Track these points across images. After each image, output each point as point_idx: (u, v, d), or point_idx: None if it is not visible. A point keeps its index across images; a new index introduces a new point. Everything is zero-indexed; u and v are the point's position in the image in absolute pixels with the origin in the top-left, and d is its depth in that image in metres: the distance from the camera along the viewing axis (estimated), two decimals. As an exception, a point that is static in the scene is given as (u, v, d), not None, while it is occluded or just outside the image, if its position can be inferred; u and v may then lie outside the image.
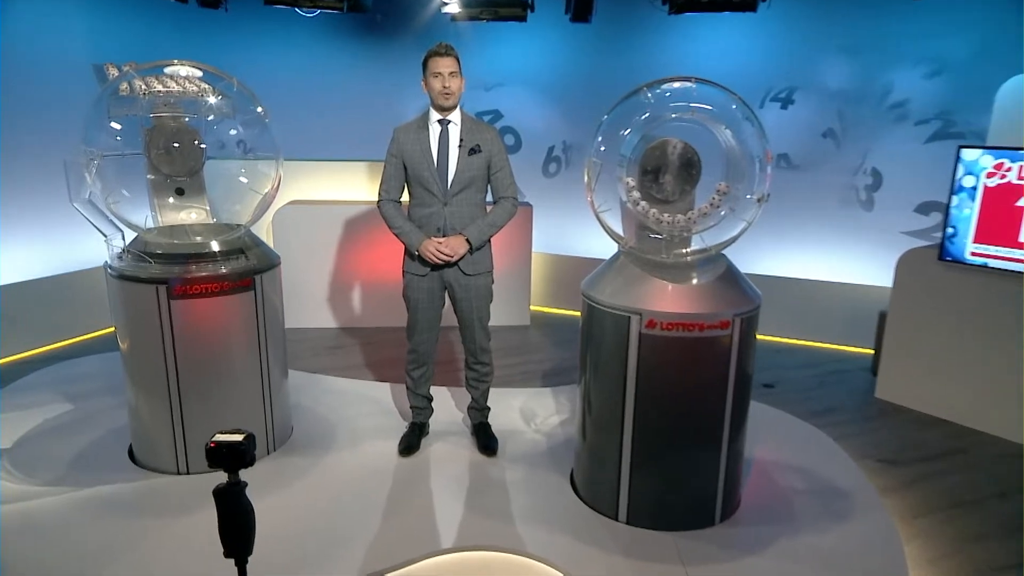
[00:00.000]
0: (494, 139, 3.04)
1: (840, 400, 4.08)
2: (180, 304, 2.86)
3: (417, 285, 3.12)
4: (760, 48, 5.16)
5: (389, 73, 5.85)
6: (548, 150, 5.92)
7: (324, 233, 5.21)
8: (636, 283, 2.64)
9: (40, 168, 4.65)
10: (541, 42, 5.75)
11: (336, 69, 5.92)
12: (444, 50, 2.89)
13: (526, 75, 5.80)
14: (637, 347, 2.58)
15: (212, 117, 3.01)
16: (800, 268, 5.22)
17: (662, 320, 2.54)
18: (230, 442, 1.66)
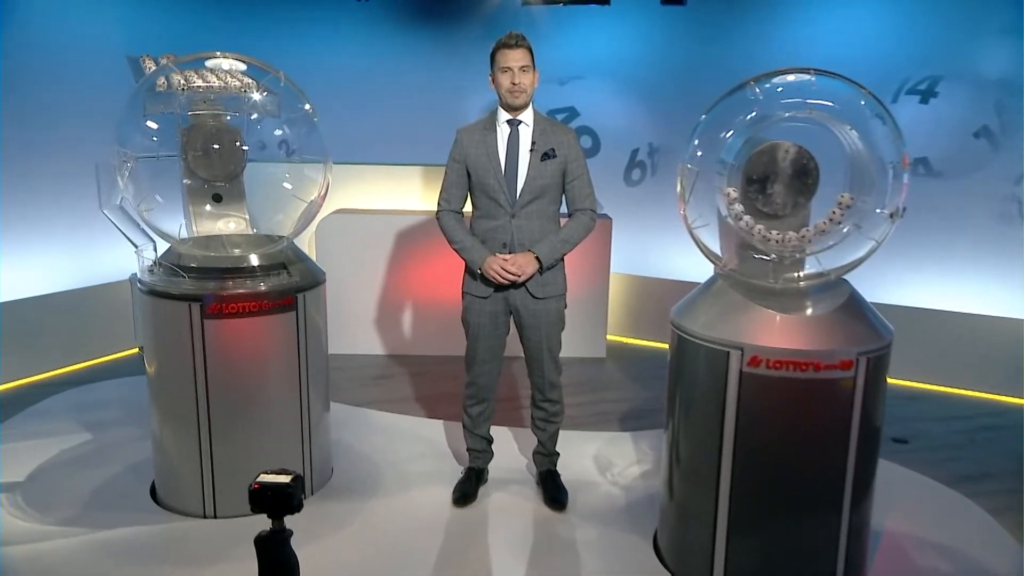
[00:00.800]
0: (571, 143, 3.06)
1: (996, 463, 3.86)
2: (214, 324, 2.97)
3: (478, 308, 3.14)
4: (894, 30, 5.00)
5: (451, 66, 5.97)
6: (631, 154, 5.90)
7: (373, 246, 5.32)
8: (737, 312, 2.59)
9: (65, 170, 4.94)
10: (626, 28, 5.77)
11: (391, 61, 6.09)
12: (514, 41, 2.93)
13: (607, 67, 5.82)
14: (737, 388, 2.52)
15: (255, 115, 3.13)
16: (943, 298, 4.99)
17: (768, 357, 2.47)
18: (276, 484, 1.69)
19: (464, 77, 5.82)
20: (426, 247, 5.24)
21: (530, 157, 3.01)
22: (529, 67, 2.97)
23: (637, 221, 5.80)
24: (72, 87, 4.97)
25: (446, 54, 6.02)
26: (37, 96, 4.86)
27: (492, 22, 5.82)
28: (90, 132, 4.81)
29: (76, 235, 5.08)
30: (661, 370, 2.90)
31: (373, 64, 6.09)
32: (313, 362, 3.23)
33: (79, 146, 4.90)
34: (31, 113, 4.84)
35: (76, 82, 4.98)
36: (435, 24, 6.11)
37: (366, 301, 5.38)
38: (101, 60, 4.98)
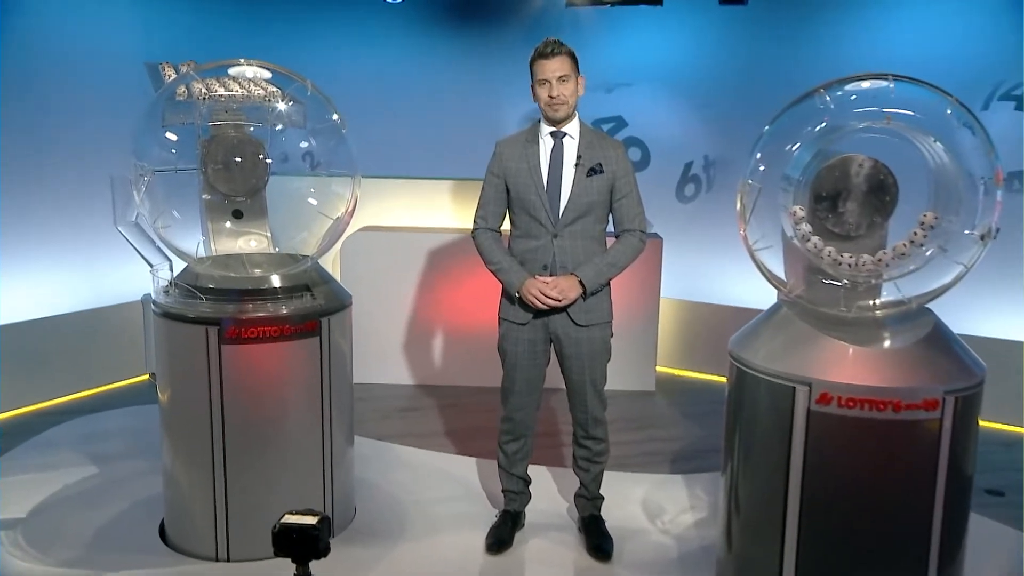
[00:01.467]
0: (619, 157, 3.07)
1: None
2: (232, 350, 3.03)
3: (516, 336, 3.16)
4: (984, 28, 4.93)
5: (489, 72, 6.05)
6: (685, 167, 5.90)
7: (403, 267, 5.38)
8: (804, 343, 2.57)
9: (74, 183, 5.09)
10: (680, 30, 5.79)
11: (424, 67, 6.18)
12: (550, 49, 2.97)
13: (659, 72, 5.85)
14: (804, 428, 2.50)
15: (280, 126, 3.20)
16: (1041, 331, 4.89)
17: (840, 394, 2.45)
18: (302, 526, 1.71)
19: (503, 84, 5.89)
20: (460, 268, 5.28)
21: (575, 172, 3.03)
22: (570, 76, 2.99)
23: (690, 241, 5.78)
24: (85, 95, 5.12)
25: (483, 59, 6.10)
26: (46, 104, 5.00)
27: (533, 24, 5.89)
28: (103, 143, 4.94)
29: (84, 252, 5.20)
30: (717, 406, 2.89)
31: (404, 70, 6.19)
32: (337, 392, 3.27)
33: (90, 158, 5.04)
34: (39, 121, 4.98)
35: (90, 90, 5.13)
36: (472, 27, 6.19)
37: (394, 326, 5.43)
38: (117, 67, 5.13)
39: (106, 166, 3.98)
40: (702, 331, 5.73)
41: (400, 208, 5.73)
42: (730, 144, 5.67)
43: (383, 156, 5.63)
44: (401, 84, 6.16)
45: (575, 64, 3.02)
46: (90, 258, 5.23)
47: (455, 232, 5.42)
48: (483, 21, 6.15)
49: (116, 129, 4.32)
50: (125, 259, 4.63)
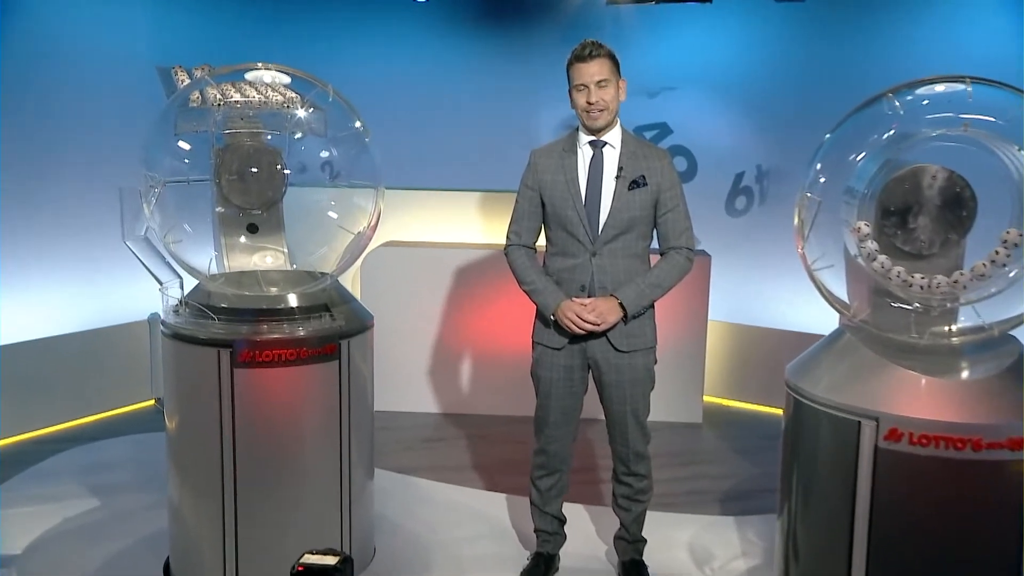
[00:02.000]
0: (665, 168, 3.07)
1: None
2: (246, 374, 3.05)
3: (551, 362, 3.15)
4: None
5: (523, 76, 6.07)
6: (735, 179, 5.88)
7: (428, 285, 5.40)
8: (871, 373, 2.55)
9: (78, 194, 5.16)
10: (731, 29, 5.78)
11: (452, 71, 6.23)
12: (588, 52, 2.97)
13: (707, 75, 5.84)
14: (871, 468, 2.47)
15: (299, 134, 3.24)
16: None
17: (912, 430, 2.42)
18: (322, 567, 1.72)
19: (538, 88, 5.91)
20: (490, 287, 5.29)
21: (616, 185, 3.03)
22: (610, 80, 2.99)
23: (742, 259, 5.74)
24: (92, 100, 5.20)
25: (517, 61, 6.13)
26: (49, 109, 5.08)
27: (571, 24, 5.91)
28: (111, 152, 5.03)
29: (87, 268, 5.26)
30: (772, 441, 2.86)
31: (432, 74, 6.24)
32: (357, 420, 3.28)
33: (97, 168, 5.13)
34: (41, 128, 5.05)
35: (96, 95, 5.22)
36: (504, 27, 6.23)
37: (418, 349, 5.45)
38: (127, 71, 5.22)
39: (114, 177, 4.05)
40: (754, 358, 5.67)
41: (426, 222, 5.76)
42: (786, 153, 5.64)
43: (408, 166, 5.66)
44: (428, 89, 6.20)
45: (616, 67, 3.02)
46: (94, 274, 5.29)
47: (485, 248, 5.43)
48: (516, 20, 6.18)
49: (125, 137, 4.40)
50: (132, 276, 4.70)
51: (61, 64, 5.11)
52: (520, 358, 3.59)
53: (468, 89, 6.20)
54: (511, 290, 3.32)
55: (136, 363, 5.42)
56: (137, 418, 5.30)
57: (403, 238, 5.73)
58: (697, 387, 5.36)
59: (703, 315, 5.31)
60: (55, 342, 5.11)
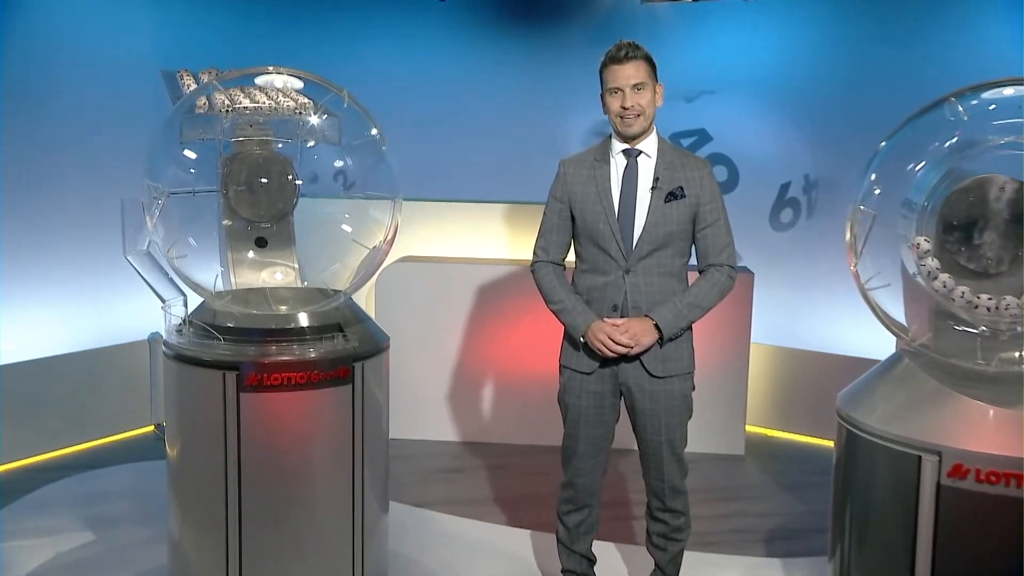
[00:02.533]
0: (705, 179, 3.08)
1: None
2: (252, 399, 3.08)
3: (580, 387, 3.16)
4: None
5: (551, 81, 6.12)
6: (781, 190, 5.87)
7: (448, 304, 5.43)
8: (932, 403, 2.54)
9: (74, 206, 5.22)
10: (776, 27, 5.79)
11: (475, 75, 6.28)
12: (624, 53, 2.99)
13: (749, 77, 5.85)
14: (934, 507, 2.45)
15: (312, 142, 3.29)
16: None
17: (979, 466, 2.40)
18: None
19: (567, 93, 5.95)
20: (514, 306, 5.30)
21: (651, 197, 3.04)
22: (646, 84, 3.01)
23: (788, 277, 5.73)
24: (92, 106, 5.29)
25: (544, 64, 6.17)
26: (46, 115, 5.14)
27: (603, 24, 5.95)
28: (112, 161, 5.07)
29: (84, 285, 5.31)
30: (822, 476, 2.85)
31: (453, 78, 6.29)
32: (371, 449, 3.30)
33: (96, 177, 5.20)
34: (38, 135, 5.11)
35: (97, 100, 5.30)
36: (531, 28, 6.28)
37: (436, 373, 5.47)
38: (129, 75, 5.30)
39: (115, 187, 4.10)
40: (802, 384, 5.64)
41: (446, 236, 5.79)
42: (837, 162, 5.63)
43: (428, 176, 5.71)
44: (450, 93, 6.25)
45: (653, 71, 3.04)
46: (92, 291, 5.34)
47: (510, 264, 5.46)
48: (544, 21, 6.22)
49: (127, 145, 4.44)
50: (132, 292, 4.76)
51: (59, 67, 5.18)
52: (547, 383, 3.60)
53: (492, 94, 6.24)
54: (537, 309, 3.34)
55: (135, 386, 5.46)
56: (136, 445, 5.34)
57: (421, 253, 5.76)
58: (739, 416, 5.34)
59: (745, 338, 5.30)
60: (49, 363, 5.14)
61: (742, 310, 5.24)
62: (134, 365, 5.47)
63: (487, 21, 6.33)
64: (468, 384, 5.48)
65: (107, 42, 5.37)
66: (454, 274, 5.46)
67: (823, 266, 5.55)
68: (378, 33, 6.30)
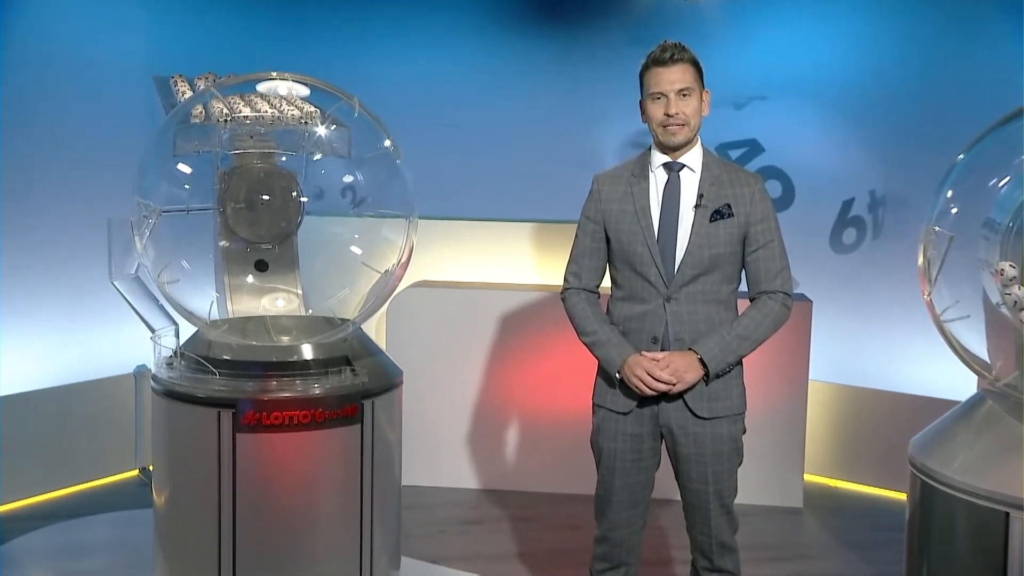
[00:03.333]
0: (756, 196, 3.08)
1: None
2: (250, 440, 3.11)
3: (615, 429, 3.15)
4: None
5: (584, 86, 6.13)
6: (843, 207, 5.86)
7: (467, 334, 5.43)
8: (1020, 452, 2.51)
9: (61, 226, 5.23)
10: (836, 24, 5.78)
11: (498, 80, 6.30)
12: (669, 55, 3.00)
13: (807, 82, 5.84)
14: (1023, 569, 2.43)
15: (318, 155, 3.33)
16: None
17: (1074, 523, 2.38)
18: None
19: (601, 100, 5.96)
20: (542, 338, 5.31)
21: (695, 216, 3.04)
22: (692, 90, 3.02)
23: (851, 306, 5.70)
24: (76, 114, 5.31)
25: (577, 69, 6.19)
26: (25, 126, 5.13)
27: (642, 23, 5.95)
28: (98, 175, 5.10)
29: (64, 312, 5.30)
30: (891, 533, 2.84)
31: (475, 84, 6.32)
32: (381, 496, 3.31)
33: (80, 193, 5.22)
34: (17, 147, 5.08)
35: (81, 108, 5.33)
36: (562, 28, 6.30)
37: (454, 412, 5.47)
38: (118, 80, 5.35)
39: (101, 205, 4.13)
40: (868, 428, 5.60)
41: (466, 258, 5.81)
42: (907, 177, 5.60)
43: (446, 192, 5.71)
44: (471, 101, 6.26)
45: (700, 76, 3.05)
46: (71, 319, 5.33)
47: (537, 290, 5.46)
48: (577, 20, 6.22)
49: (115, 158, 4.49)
50: (116, 321, 4.79)
51: (39, 72, 5.20)
52: (578, 424, 3.60)
53: (519, 101, 6.25)
54: (568, 341, 3.34)
55: (119, 426, 5.45)
56: (119, 492, 5.35)
57: (439, 277, 5.77)
58: (796, 463, 5.31)
59: (803, 374, 5.27)
60: (23, 400, 5.10)
61: (799, 343, 5.22)
62: (117, 402, 5.45)
63: (513, 21, 6.34)
64: (490, 424, 5.48)
65: (93, 44, 5.40)
66: (475, 301, 5.47)
67: (892, 294, 5.52)
68: (392, 35, 6.31)
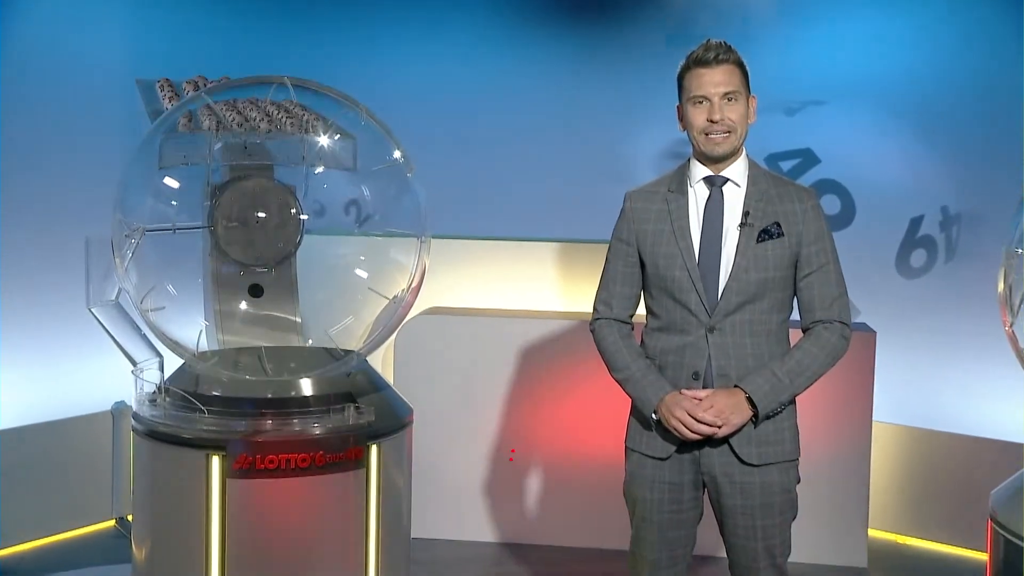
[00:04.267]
0: (809, 213, 3.09)
1: None
2: (243, 486, 3.13)
3: (652, 477, 3.16)
4: None
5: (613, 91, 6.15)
6: (910, 225, 5.85)
7: (484, 367, 5.43)
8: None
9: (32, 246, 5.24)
10: (903, 19, 5.78)
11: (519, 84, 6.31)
12: (712, 55, 3.02)
13: (868, 83, 5.84)
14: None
15: (320, 169, 3.37)
16: None
17: None
18: None
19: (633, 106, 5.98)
20: (567, 372, 5.32)
21: (740, 236, 3.05)
22: (739, 94, 3.03)
23: (920, 337, 5.68)
24: (49, 123, 5.34)
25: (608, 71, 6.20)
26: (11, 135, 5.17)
27: (682, 21, 5.96)
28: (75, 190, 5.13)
29: (36, 342, 5.30)
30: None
31: (494, 89, 6.33)
32: (388, 550, 3.32)
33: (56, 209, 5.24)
34: None
35: (56, 116, 5.36)
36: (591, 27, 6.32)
37: (470, 455, 5.47)
38: (97, 84, 5.39)
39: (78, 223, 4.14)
40: (942, 478, 5.57)
41: (484, 282, 5.82)
42: (984, 191, 5.57)
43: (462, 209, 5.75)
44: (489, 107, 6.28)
45: (746, 79, 3.07)
46: (42, 350, 5.33)
47: (562, 318, 5.47)
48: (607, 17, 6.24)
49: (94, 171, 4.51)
50: (93, 352, 4.81)
51: (7, 76, 5.21)
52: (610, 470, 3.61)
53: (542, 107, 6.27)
54: (598, 376, 3.35)
55: (94, 470, 5.43)
56: (94, 544, 5.37)
57: (453, 303, 5.79)
58: (858, 517, 5.28)
59: (865, 416, 5.25)
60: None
61: (861, 379, 5.20)
62: (92, 444, 5.45)
63: (537, 16, 6.35)
64: (510, 470, 5.49)
65: (68, 43, 5.44)
66: (494, 330, 5.48)
67: (967, 324, 5.49)
68: (402, 35, 6.34)
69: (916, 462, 5.70)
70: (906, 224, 5.87)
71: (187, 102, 3.42)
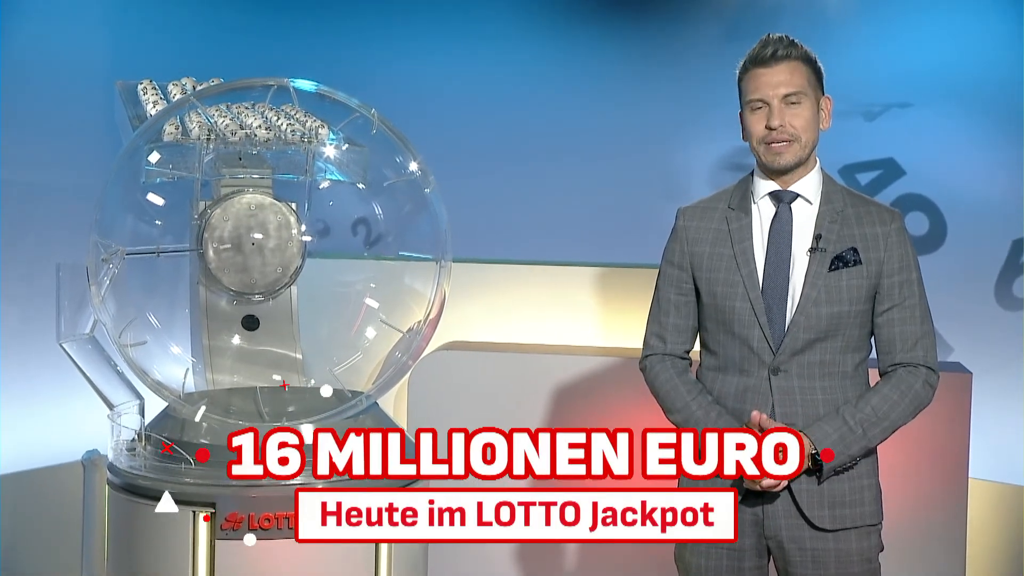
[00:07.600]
0: (892, 238, 3.08)
1: None
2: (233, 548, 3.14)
3: (709, 541, 3.18)
4: None
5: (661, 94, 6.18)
6: (1011, 248, 5.84)
7: (511, 410, 5.41)
8: None
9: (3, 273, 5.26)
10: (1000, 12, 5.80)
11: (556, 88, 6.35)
12: (771, 52, 3.01)
13: (961, 84, 5.84)
14: None
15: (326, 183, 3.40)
16: None
17: None
18: None
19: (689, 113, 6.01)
20: (609, 415, 5.29)
21: (809, 262, 3.06)
22: (804, 95, 3.03)
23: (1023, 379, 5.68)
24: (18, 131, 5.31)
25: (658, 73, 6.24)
26: None
27: (745, 15, 5.99)
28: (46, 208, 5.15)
29: None
30: None
31: (526, 93, 6.38)
32: (402, 625, 3.35)
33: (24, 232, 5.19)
34: None
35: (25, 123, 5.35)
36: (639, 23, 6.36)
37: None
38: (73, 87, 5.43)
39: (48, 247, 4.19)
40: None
41: (511, 312, 5.83)
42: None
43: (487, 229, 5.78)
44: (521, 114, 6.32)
45: (816, 77, 3.07)
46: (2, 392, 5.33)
47: (603, 354, 5.47)
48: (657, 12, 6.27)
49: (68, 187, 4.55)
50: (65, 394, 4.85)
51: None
52: (659, 533, 3.62)
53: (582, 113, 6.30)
54: (648, 419, 3.35)
55: (62, 528, 5.47)
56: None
57: (476, 337, 5.80)
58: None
59: (960, 471, 5.22)
60: None
61: (954, 429, 5.17)
62: (61, 498, 5.46)
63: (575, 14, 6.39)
64: (543, 533, 5.48)
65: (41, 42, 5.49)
66: (522, 368, 5.47)
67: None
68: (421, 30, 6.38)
69: (1019, 524, 5.67)
70: (1007, 247, 5.85)
71: (174, 107, 3.44)
